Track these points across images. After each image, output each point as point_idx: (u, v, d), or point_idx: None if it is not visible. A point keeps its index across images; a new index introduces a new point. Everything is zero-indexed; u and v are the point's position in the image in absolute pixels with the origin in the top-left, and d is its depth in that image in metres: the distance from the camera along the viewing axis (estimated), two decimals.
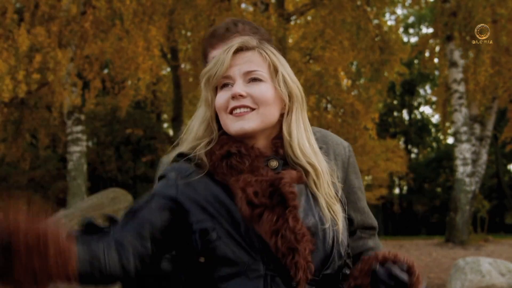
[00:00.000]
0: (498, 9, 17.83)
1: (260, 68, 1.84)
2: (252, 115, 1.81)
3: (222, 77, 1.85)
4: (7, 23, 16.75)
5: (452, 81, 20.54)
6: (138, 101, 29.43)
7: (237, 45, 1.86)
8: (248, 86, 1.82)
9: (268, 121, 1.83)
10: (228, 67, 1.84)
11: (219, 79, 1.85)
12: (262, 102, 1.81)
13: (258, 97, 1.81)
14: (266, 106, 1.82)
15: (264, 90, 1.82)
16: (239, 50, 1.87)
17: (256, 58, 1.86)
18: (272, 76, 1.86)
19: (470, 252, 17.58)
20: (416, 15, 40.52)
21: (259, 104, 1.81)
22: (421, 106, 47.93)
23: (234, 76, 1.84)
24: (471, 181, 20.32)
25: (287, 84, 1.86)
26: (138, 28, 17.53)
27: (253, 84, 1.83)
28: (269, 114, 1.83)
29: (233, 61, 1.84)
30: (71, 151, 19.20)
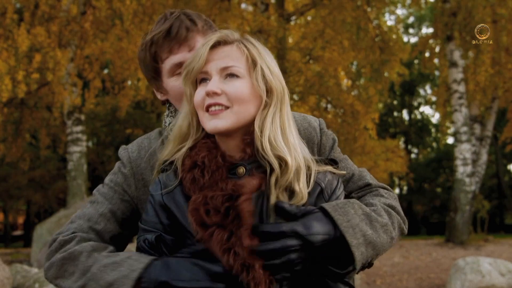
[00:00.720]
0: (498, 9, 17.83)
1: (237, 63, 1.80)
2: (227, 113, 1.77)
3: (200, 72, 1.82)
4: (7, 23, 16.74)
5: (452, 81, 20.54)
6: (138, 101, 29.42)
7: (216, 39, 1.82)
8: (224, 82, 1.79)
9: (243, 119, 1.80)
10: (206, 62, 1.80)
11: (197, 74, 1.82)
12: (236, 100, 1.77)
13: (232, 95, 1.77)
14: (241, 104, 1.78)
15: (239, 87, 1.78)
16: (217, 44, 1.83)
17: (234, 52, 1.81)
18: (250, 71, 1.81)
19: (470, 252, 17.59)
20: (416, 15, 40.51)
21: (234, 102, 1.77)
22: (421, 106, 47.93)
23: (210, 72, 1.80)
24: (471, 181, 20.32)
25: (266, 78, 1.81)
26: (138, 28, 17.54)
27: (229, 81, 1.79)
28: (244, 112, 1.79)
29: (210, 55, 1.81)
30: (71, 151, 19.20)
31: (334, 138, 2.16)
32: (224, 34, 1.84)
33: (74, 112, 19.13)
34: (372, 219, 1.81)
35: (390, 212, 1.93)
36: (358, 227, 1.75)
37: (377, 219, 1.82)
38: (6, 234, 41.15)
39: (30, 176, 30.24)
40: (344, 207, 1.77)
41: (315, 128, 2.13)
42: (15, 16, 17.22)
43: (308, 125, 2.13)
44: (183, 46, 2.03)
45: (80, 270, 1.85)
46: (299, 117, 2.15)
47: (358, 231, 1.74)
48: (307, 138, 2.09)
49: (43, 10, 17.71)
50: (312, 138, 2.11)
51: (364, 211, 1.81)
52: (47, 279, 1.96)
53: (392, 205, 1.98)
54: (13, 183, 30.12)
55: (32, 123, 23.50)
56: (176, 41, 2.03)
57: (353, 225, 1.74)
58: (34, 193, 31.76)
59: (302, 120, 2.15)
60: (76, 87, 18.78)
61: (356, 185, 2.08)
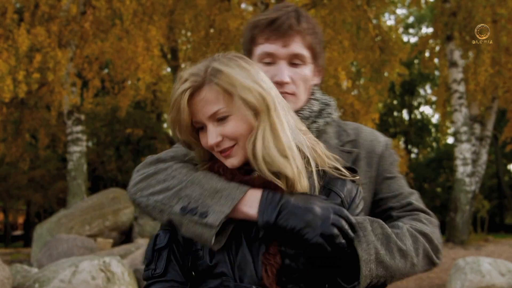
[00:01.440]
0: (498, 9, 17.83)
1: (219, 105, 1.81)
2: (236, 150, 1.84)
3: (194, 123, 1.87)
4: (7, 23, 16.76)
5: (452, 81, 20.54)
6: (138, 101, 29.47)
7: (189, 90, 1.81)
8: (219, 127, 1.82)
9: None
10: (193, 114, 1.84)
11: (188, 128, 1.87)
12: (237, 137, 1.82)
13: (231, 136, 1.82)
14: (243, 137, 1.82)
15: (233, 127, 1.81)
16: (193, 92, 1.83)
17: (211, 94, 1.81)
18: (232, 104, 1.81)
19: (470, 252, 17.58)
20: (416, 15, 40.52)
21: (236, 140, 1.83)
22: (421, 106, 47.92)
23: (201, 121, 1.84)
24: (471, 181, 20.32)
25: (248, 102, 1.79)
26: (138, 28, 17.55)
27: (222, 124, 1.82)
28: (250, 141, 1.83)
29: (192, 107, 1.83)
30: (71, 151, 19.20)
31: (396, 157, 2.23)
32: (192, 81, 1.82)
33: (74, 112, 19.13)
34: (391, 241, 1.82)
35: (417, 238, 1.91)
36: (372, 244, 1.77)
37: (396, 242, 1.82)
38: (6, 234, 41.15)
39: (30, 176, 30.26)
40: (363, 222, 1.81)
41: (380, 142, 2.20)
42: (15, 16, 17.24)
43: (375, 139, 2.20)
44: (279, 40, 2.07)
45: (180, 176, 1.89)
46: (368, 131, 2.23)
47: (372, 248, 1.76)
48: (369, 149, 2.16)
49: (43, 10, 17.72)
50: (374, 149, 2.17)
51: (384, 232, 1.83)
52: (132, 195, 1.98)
53: (423, 232, 1.95)
54: (13, 183, 30.14)
55: (32, 123, 23.51)
56: (275, 32, 2.07)
57: (367, 241, 1.77)
58: (34, 193, 31.77)
59: (370, 133, 2.22)
60: (76, 87, 18.78)
61: (399, 203, 2.10)
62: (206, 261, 1.82)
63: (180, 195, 1.82)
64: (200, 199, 1.79)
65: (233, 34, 18.45)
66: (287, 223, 1.71)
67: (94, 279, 7.28)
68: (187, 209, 1.79)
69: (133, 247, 11.67)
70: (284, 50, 2.06)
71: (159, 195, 1.86)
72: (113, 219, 14.73)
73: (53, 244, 12.12)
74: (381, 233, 1.81)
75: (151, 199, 1.88)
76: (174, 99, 1.84)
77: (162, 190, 1.86)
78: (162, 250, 1.90)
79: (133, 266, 8.75)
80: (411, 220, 2.00)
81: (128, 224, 15.15)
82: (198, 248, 1.86)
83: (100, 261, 7.54)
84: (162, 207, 1.85)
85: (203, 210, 1.77)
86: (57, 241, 12.26)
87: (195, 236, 1.79)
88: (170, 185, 1.86)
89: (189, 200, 1.80)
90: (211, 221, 1.74)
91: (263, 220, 1.74)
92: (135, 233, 14.99)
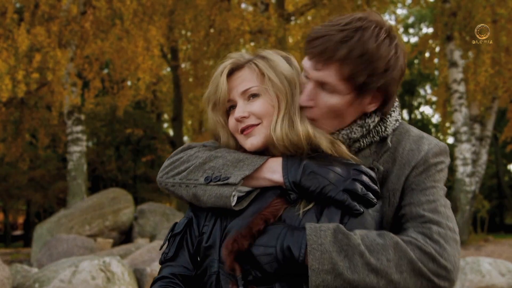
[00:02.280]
0: (498, 9, 17.83)
1: (253, 83, 1.95)
2: (258, 129, 1.93)
3: (227, 101, 1.99)
4: (7, 23, 16.75)
5: (452, 81, 20.54)
6: (138, 101, 29.43)
7: (229, 66, 1.99)
8: (248, 104, 1.95)
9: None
10: (227, 91, 1.97)
11: (225, 104, 1.99)
12: (263, 116, 1.93)
13: (258, 113, 1.93)
14: (269, 117, 1.92)
15: (261, 104, 1.93)
16: (231, 71, 2.00)
17: (248, 74, 1.98)
18: (263, 85, 1.95)
19: (470, 252, 17.57)
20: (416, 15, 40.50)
21: (262, 118, 1.93)
22: (421, 106, 47.91)
23: (234, 98, 1.97)
24: (471, 181, 20.32)
25: (274, 85, 1.93)
26: (138, 28, 17.54)
27: (252, 101, 1.95)
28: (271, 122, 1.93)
29: (229, 84, 1.98)
30: (71, 151, 19.19)
31: (437, 166, 2.05)
32: (236, 59, 2.00)
33: (74, 112, 19.12)
34: (355, 253, 1.71)
35: (405, 253, 1.76)
36: (328, 254, 1.71)
37: (362, 255, 1.71)
38: (6, 234, 41.14)
39: (30, 176, 30.25)
40: (326, 231, 1.74)
41: (420, 152, 2.01)
42: (15, 16, 17.24)
43: (416, 148, 2.02)
44: (313, 60, 1.92)
45: (204, 155, 1.99)
46: (414, 137, 2.07)
47: (327, 258, 1.70)
48: (405, 161, 1.99)
49: (43, 10, 17.72)
50: (409, 160, 2.00)
51: (350, 243, 1.72)
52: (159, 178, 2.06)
53: (424, 250, 1.78)
54: (13, 183, 30.12)
55: (32, 122, 23.51)
56: (310, 51, 1.93)
57: (322, 250, 1.71)
58: (34, 193, 31.75)
59: (415, 141, 2.05)
60: (76, 87, 18.77)
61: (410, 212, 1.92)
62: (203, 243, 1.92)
63: (204, 168, 1.92)
64: (223, 168, 1.89)
65: (233, 34, 18.46)
66: (311, 183, 1.81)
67: (94, 279, 7.28)
68: (210, 178, 1.88)
69: (133, 247, 11.67)
70: (314, 73, 1.92)
71: (183, 173, 1.96)
72: (113, 219, 14.73)
73: (53, 244, 12.12)
74: (346, 244, 1.72)
75: (176, 178, 1.97)
76: (214, 77, 1.99)
77: (186, 168, 1.96)
78: (177, 235, 1.98)
79: (133, 266, 8.75)
80: (418, 233, 1.84)
81: (128, 224, 15.15)
82: (203, 232, 1.94)
83: (100, 261, 7.54)
84: (187, 182, 1.94)
85: (225, 176, 1.86)
86: (57, 241, 12.26)
87: (216, 199, 1.86)
88: (194, 163, 1.96)
89: (213, 171, 1.90)
90: (232, 180, 1.84)
91: (290, 181, 1.83)
92: (135, 233, 14.99)
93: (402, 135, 2.06)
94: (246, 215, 1.84)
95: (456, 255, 1.83)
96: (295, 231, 1.76)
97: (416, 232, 1.84)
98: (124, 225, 15.02)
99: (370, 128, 2.02)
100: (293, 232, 1.76)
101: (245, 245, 1.77)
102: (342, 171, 1.82)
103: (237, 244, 1.77)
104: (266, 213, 1.83)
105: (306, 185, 1.81)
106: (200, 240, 1.93)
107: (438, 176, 2.04)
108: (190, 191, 1.92)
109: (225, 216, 1.90)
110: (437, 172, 2.03)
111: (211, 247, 1.88)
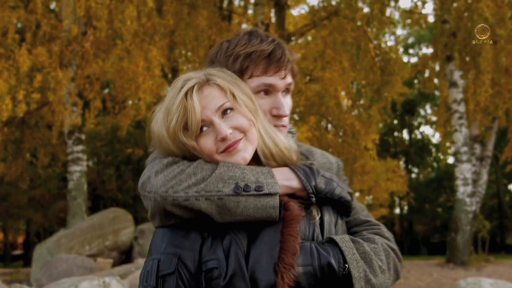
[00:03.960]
0: (498, 29, 17.89)
1: (225, 99, 1.88)
2: (244, 143, 1.88)
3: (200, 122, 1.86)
4: (8, 43, 16.82)
5: (452, 101, 20.60)
6: (139, 121, 29.47)
7: (196, 87, 1.87)
8: (227, 120, 1.86)
9: (255, 141, 1.91)
10: (201, 112, 1.85)
11: (198, 126, 1.85)
12: (245, 128, 1.88)
13: (241, 125, 1.87)
14: (250, 129, 1.89)
15: (241, 117, 1.88)
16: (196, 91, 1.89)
17: (214, 91, 1.89)
18: (233, 100, 1.90)
19: (471, 272, 17.52)
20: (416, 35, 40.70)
21: (245, 131, 1.88)
22: (421, 126, 48.05)
23: (208, 118, 1.85)
24: (472, 201, 20.30)
25: (242, 100, 1.91)
26: (139, 48, 17.60)
27: (229, 116, 1.87)
28: (254, 135, 1.90)
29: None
30: (72, 171, 19.20)
31: (346, 178, 2.26)
32: (197, 79, 1.90)
33: (75, 131, 19.16)
34: (372, 258, 1.90)
35: (389, 253, 2.00)
36: (361, 262, 1.85)
37: (376, 260, 1.91)
38: (6, 253, 41.07)
39: (30, 195, 30.26)
40: (349, 242, 1.89)
41: (332, 164, 2.21)
42: (17, 36, 17.30)
43: (327, 160, 2.21)
44: (279, 72, 2.07)
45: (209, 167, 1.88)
46: (319, 153, 2.24)
47: (361, 266, 1.85)
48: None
49: (44, 30, 17.80)
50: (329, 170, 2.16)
51: (365, 250, 1.91)
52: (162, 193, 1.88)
53: (393, 248, 2.04)
54: (13, 202, 30.12)
55: (32, 142, 23.55)
56: (275, 65, 2.06)
57: (356, 259, 1.85)
58: (34, 212, 31.74)
59: (321, 155, 2.22)
60: (77, 107, 18.82)
61: (354, 218, 2.14)
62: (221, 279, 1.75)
63: (223, 178, 1.81)
64: (245, 177, 1.81)
65: None
66: (325, 186, 1.91)
67: None
68: (240, 187, 1.79)
69: (133, 267, 11.63)
70: (282, 82, 2.08)
71: (198, 185, 1.81)
72: (113, 239, 14.70)
73: (53, 264, 12.09)
74: (362, 251, 1.89)
75: (190, 191, 1.81)
76: (178, 102, 1.86)
77: (199, 181, 1.82)
78: (167, 276, 1.79)
79: (133, 286, 8.72)
80: (374, 234, 2.06)
81: (128, 244, 15.12)
82: (213, 267, 1.76)
83: (100, 281, 7.52)
84: (207, 195, 1.80)
85: (257, 185, 1.80)
86: (57, 261, 12.23)
87: (255, 211, 1.79)
88: (205, 175, 1.83)
89: (235, 180, 1.80)
90: (271, 190, 1.80)
91: (311, 185, 1.88)
92: (135, 253, 14.95)
93: (309, 150, 2.20)
94: (268, 237, 1.79)
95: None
96: (325, 246, 1.83)
97: (372, 233, 2.07)
98: (124, 245, 14.99)
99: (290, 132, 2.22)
100: (323, 247, 1.82)
101: (296, 272, 1.75)
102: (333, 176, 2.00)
103: (291, 274, 1.74)
104: (293, 233, 1.79)
105: (322, 188, 1.90)
106: (211, 275, 1.76)
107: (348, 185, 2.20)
108: (214, 204, 1.79)
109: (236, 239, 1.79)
110: (346, 181, 2.23)
111: (234, 280, 1.74)
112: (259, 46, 2.07)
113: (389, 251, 1.99)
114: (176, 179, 1.85)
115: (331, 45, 19.84)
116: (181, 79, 1.93)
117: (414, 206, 44.45)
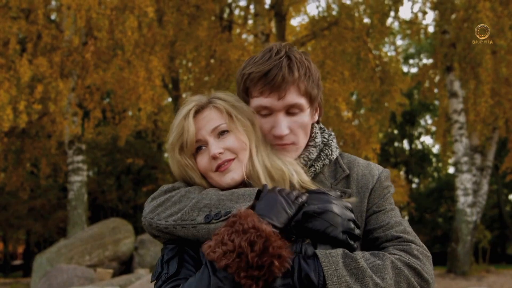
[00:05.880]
0: (498, 40, 17.91)
1: (221, 121, 2.03)
2: (235, 163, 2.00)
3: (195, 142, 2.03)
4: (10, 54, 16.86)
5: (452, 112, 20.61)
6: (139, 131, 29.49)
7: (194, 109, 2.04)
8: (221, 141, 2.01)
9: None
10: (195, 132, 2.01)
11: (193, 146, 2.03)
12: (238, 150, 2.01)
13: (233, 147, 2.00)
14: (243, 151, 2.01)
15: (235, 139, 2.01)
16: (196, 113, 2.05)
17: (213, 113, 2.05)
18: (232, 124, 2.03)
19: (472, 283, 17.49)
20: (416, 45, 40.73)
21: (237, 152, 2.01)
22: (421, 136, 47.97)
23: (204, 138, 2.02)
24: (472, 211, 20.28)
25: (240, 122, 2.03)
26: (139, 59, 17.63)
27: (224, 137, 2.02)
28: (246, 156, 2.02)
29: (196, 125, 2.03)
30: (72, 181, 19.21)
31: (390, 190, 2.23)
32: (197, 101, 2.07)
33: (75, 141, 19.17)
34: (366, 275, 1.83)
35: (401, 271, 1.90)
36: (343, 278, 1.80)
37: (371, 276, 1.83)
38: (6, 263, 40.96)
39: (31, 205, 30.17)
40: (336, 257, 1.84)
41: (374, 176, 2.21)
42: (18, 46, 17.35)
43: (368, 173, 2.22)
44: (274, 93, 2.08)
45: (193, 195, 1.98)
46: (362, 165, 2.26)
47: (343, 282, 1.80)
48: (362, 184, 2.19)
49: (45, 41, 17.86)
50: (366, 184, 2.19)
51: (359, 266, 1.85)
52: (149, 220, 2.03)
53: (411, 265, 1.94)
54: (13, 212, 30.04)
55: (33, 152, 23.55)
56: (269, 86, 2.08)
57: (339, 275, 1.81)
58: (34, 222, 31.65)
59: (365, 167, 2.25)
60: (77, 117, 18.84)
61: (384, 234, 2.10)
62: None
63: (198, 206, 1.91)
64: (220, 204, 1.89)
65: (233, 65, 18.56)
66: (313, 225, 1.85)
67: None
68: (210, 216, 1.88)
69: (133, 278, 11.62)
70: (280, 103, 2.08)
71: (176, 214, 1.94)
72: (113, 249, 14.69)
73: (53, 274, 12.08)
74: (355, 267, 1.84)
75: (169, 220, 1.95)
76: (178, 122, 2.04)
77: (180, 209, 1.95)
78: (170, 259, 1.95)
79: None
80: (401, 251, 1.99)
81: (128, 254, 15.10)
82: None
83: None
84: (183, 224, 1.92)
85: (226, 211, 1.86)
86: (57, 271, 12.21)
87: None
88: (186, 204, 1.95)
89: (209, 208, 1.89)
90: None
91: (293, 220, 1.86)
92: (135, 263, 14.93)
93: (352, 163, 2.25)
94: None
95: (432, 269, 2.01)
96: (308, 260, 1.81)
97: (398, 249, 2.00)
98: (125, 255, 14.98)
99: (321, 148, 2.24)
100: (305, 261, 1.81)
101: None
102: (340, 211, 1.89)
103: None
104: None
105: (308, 226, 1.86)
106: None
107: (391, 199, 2.23)
108: (189, 232, 1.91)
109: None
110: (390, 194, 2.23)
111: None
112: (260, 65, 2.11)
113: (401, 270, 1.89)
114: (162, 206, 2.01)
115: (331, 55, 19.89)
116: (187, 101, 2.11)
117: (415, 216, 44.34)
